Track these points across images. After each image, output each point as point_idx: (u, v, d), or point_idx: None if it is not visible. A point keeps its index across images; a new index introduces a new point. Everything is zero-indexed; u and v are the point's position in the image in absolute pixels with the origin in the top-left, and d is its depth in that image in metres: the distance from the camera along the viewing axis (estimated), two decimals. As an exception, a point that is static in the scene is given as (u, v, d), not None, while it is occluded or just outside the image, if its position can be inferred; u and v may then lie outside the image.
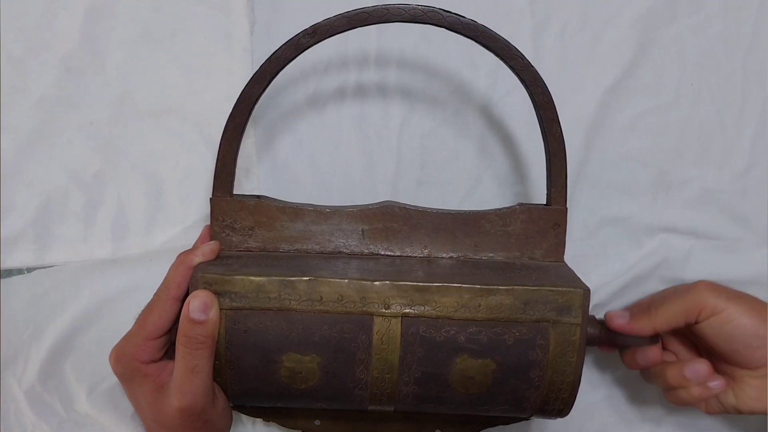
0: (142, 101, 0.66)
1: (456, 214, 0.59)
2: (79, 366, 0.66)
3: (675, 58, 0.68)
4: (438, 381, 0.53)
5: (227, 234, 0.59)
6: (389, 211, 0.59)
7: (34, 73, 0.65)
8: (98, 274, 0.66)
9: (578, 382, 0.53)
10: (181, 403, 0.52)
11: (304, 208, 0.59)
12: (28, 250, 0.66)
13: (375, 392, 0.54)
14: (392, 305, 0.52)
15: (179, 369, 0.52)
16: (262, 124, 0.67)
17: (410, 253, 0.59)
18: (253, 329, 0.52)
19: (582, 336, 0.52)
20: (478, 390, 0.53)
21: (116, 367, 0.55)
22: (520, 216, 0.59)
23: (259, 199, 0.59)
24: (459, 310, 0.52)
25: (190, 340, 0.51)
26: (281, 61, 0.55)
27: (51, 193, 0.66)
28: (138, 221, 0.67)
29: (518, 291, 0.52)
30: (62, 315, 0.66)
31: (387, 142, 0.68)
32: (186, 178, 0.67)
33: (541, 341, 0.52)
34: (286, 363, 0.53)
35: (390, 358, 0.52)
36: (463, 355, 0.52)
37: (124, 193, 0.67)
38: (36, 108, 0.65)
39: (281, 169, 0.68)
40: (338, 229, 0.59)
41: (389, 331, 0.52)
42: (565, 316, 0.52)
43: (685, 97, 0.68)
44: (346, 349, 0.52)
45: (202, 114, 0.66)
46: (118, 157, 0.66)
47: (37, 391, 0.66)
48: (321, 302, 0.52)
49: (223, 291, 0.52)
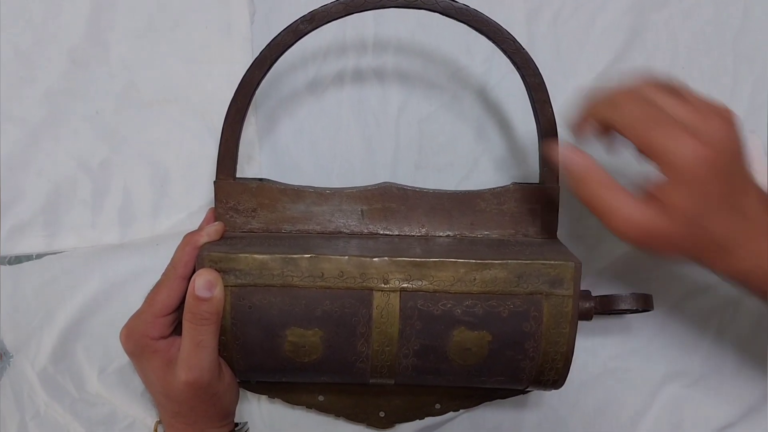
0: (146, 91, 0.68)
1: (452, 194, 0.61)
2: (89, 348, 0.68)
3: (666, 42, 0.69)
4: (436, 353, 0.55)
5: (231, 216, 0.61)
6: (387, 191, 0.61)
7: (41, 65, 0.67)
8: (106, 258, 0.68)
9: (571, 353, 0.55)
10: (187, 377, 0.54)
11: (305, 189, 0.61)
12: (38, 237, 0.68)
13: (376, 365, 0.56)
14: (391, 280, 0.54)
15: (186, 344, 0.54)
16: (263, 112, 0.69)
17: (408, 232, 0.61)
18: (257, 305, 0.54)
19: (574, 308, 0.54)
20: (475, 361, 0.55)
21: (127, 344, 0.57)
22: (514, 195, 0.61)
23: (261, 181, 0.61)
24: (455, 284, 0.54)
25: (196, 316, 0.53)
26: (281, 46, 0.57)
27: (59, 181, 0.68)
28: (144, 207, 0.68)
29: (512, 265, 0.54)
30: (72, 299, 0.67)
31: (385, 128, 0.70)
32: (190, 164, 0.68)
33: (535, 313, 0.54)
34: (290, 337, 0.54)
35: (389, 332, 0.54)
36: (460, 328, 0.54)
37: (130, 180, 0.68)
38: (43, 99, 0.67)
39: (282, 155, 0.70)
40: (338, 209, 0.61)
41: (388, 306, 0.54)
42: (557, 289, 0.54)
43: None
44: (347, 323, 0.54)
45: (204, 102, 0.68)
46: (124, 145, 0.68)
47: (49, 372, 0.67)
48: (322, 278, 0.54)
49: (228, 269, 0.54)
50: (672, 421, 0.71)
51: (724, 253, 0.50)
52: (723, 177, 0.48)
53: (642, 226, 0.49)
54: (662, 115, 0.49)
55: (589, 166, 0.51)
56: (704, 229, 0.49)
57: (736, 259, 0.50)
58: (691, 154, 0.47)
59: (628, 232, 0.50)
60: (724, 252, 0.50)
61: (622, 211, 0.49)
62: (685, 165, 0.47)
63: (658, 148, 0.48)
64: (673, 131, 0.48)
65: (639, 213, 0.49)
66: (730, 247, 0.50)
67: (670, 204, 0.48)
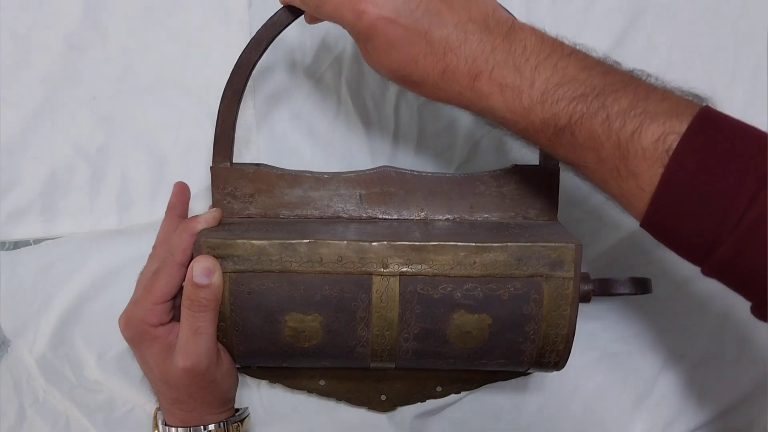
0: (143, 76, 0.68)
1: (451, 177, 0.61)
2: (87, 334, 0.68)
3: (666, 24, 0.69)
4: (436, 336, 0.55)
5: (228, 201, 0.60)
6: (386, 175, 0.61)
7: (38, 50, 0.67)
8: (104, 244, 0.68)
9: (572, 335, 0.55)
10: (185, 364, 0.54)
11: (303, 174, 0.61)
12: (36, 222, 0.68)
13: (376, 349, 0.55)
14: (390, 264, 0.53)
15: (184, 331, 0.54)
16: (261, 96, 0.68)
17: (407, 216, 0.61)
18: (256, 291, 0.54)
19: (575, 290, 0.53)
20: (476, 344, 0.55)
21: (126, 331, 0.56)
22: (514, 177, 0.61)
23: (258, 167, 0.61)
24: (455, 267, 0.53)
25: (194, 303, 0.53)
26: (277, 26, 0.56)
27: (56, 167, 0.67)
28: (141, 192, 0.68)
29: (512, 248, 0.53)
30: (70, 284, 0.67)
31: (384, 113, 0.69)
32: (187, 149, 0.68)
33: (535, 295, 0.54)
34: (290, 323, 0.54)
35: (389, 316, 0.54)
36: (460, 311, 0.54)
37: (127, 165, 0.68)
38: (40, 84, 0.67)
39: (280, 139, 0.69)
40: (336, 194, 0.61)
41: (388, 290, 0.54)
42: (557, 271, 0.53)
43: (677, 62, 0.69)
44: (346, 307, 0.54)
45: (201, 87, 0.68)
46: (121, 130, 0.68)
47: (47, 358, 0.67)
48: (321, 263, 0.53)
49: (226, 255, 0.54)
50: (673, 405, 0.71)
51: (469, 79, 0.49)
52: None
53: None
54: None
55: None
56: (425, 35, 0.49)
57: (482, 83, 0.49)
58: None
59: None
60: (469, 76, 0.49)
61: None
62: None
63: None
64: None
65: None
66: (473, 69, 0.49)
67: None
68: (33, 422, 0.68)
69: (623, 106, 0.45)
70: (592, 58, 0.48)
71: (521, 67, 0.47)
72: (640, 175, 0.44)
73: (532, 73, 0.47)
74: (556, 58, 0.47)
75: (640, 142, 0.44)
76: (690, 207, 0.43)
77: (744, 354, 0.70)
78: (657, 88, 0.47)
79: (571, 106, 0.46)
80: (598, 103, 0.45)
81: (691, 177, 0.43)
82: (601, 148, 0.46)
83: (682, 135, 0.43)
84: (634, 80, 0.47)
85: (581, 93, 0.46)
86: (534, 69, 0.47)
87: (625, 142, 0.44)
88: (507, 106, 0.48)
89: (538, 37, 0.49)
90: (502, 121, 0.50)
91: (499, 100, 0.48)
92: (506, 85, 0.48)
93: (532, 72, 0.47)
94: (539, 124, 0.48)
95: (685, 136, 0.43)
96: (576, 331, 0.55)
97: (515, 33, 0.48)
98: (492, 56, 0.48)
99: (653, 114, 0.44)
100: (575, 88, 0.46)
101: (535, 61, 0.47)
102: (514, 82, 0.47)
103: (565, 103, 0.46)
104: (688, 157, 0.43)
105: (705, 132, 0.43)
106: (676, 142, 0.43)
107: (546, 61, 0.47)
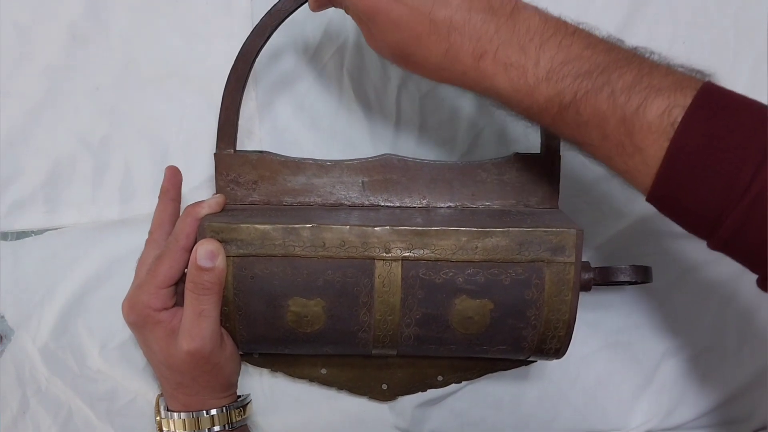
0: (145, 67, 0.68)
1: (453, 165, 0.61)
2: (90, 323, 0.68)
3: (667, 16, 0.69)
4: (438, 322, 0.55)
5: (232, 188, 0.61)
6: (388, 162, 0.61)
7: (41, 42, 0.67)
8: (107, 234, 0.68)
9: (574, 321, 0.55)
10: (189, 347, 0.54)
11: (306, 161, 0.61)
12: (39, 213, 0.68)
13: (378, 334, 0.56)
14: (392, 249, 0.54)
15: (188, 314, 0.54)
16: (263, 87, 0.68)
17: (409, 203, 0.61)
18: (259, 275, 0.54)
19: (576, 275, 0.54)
20: (477, 330, 0.55)
21: (129, 315, 0.57)
22: (515, 165, 0.61)
23: (262, 154, 0.61)
24: (457, 252, 0.54)
25: (198, 286, 0.53)
26: (281, 13, 0.57)
27: (59, 158, 0.68)
28: (144, 183, 0.68)
29: (513, 233, 0.54)
30: (73, 275, 0.68)
31: (386, 104, 0.69)
32: (190, 140, 0.68)
33: (537, 281, 0.54)
34: (292, 307, 0.55)
35: (391, 301, 0.54)
36: (462, 296, 0.54)
37: (130, 156, 0.68)
38: (43, 75, 0.67)
39: (282, 130, 0.69)
40: (339, 181, 0.61)
41: (390, 275, 0.54)
42: (559, 256, 0.53)
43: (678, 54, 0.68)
44: (349, 292, 0.54)
45: (203, 78, 0.68)
46: (124, 121, 0.68)
47: (50, 348, 0.68)
48: (324, 248, 0.54)
49: (230, 239, 0.54)
50: (674, 394, 0.71)
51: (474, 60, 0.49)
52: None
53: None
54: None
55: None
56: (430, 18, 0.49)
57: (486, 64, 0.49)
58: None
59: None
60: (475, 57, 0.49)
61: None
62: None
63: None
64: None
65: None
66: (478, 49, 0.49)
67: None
68: (35, 412, 0.68)
69: (627, 82, 0.45)
70: (595, 36, 0.49)
71: (525, 46, 0.48)
72: (645, 149, 0.45)
73: (536, 52, 0.48)
74: (560, 37, 0.48)
75: (645, 116, 0.44)
76: (696, 179, 0.43)
77: (745, 343, 0.70)
78: (660, 64, 0.47)
79: (576, 83, 0.46)
80: (602, 79, 0.46)
81: (697, 150, 0.43)
82: (605, 124, 0.46)
83: (687, 108, 0.43)
84: (638, 57, 0.47)
85: (586, 70, 0.46)
86: (538, 48, 0.48)
87: (630, 117, 0.45)
88: (512, 86, 0.49)
89: (541, 17, 0.49)
90: (507, 101, 0.50)
91: (504, 79, 0.49)
92: (511, 65, 0.48)
93: (536, 51, 0.48)
94: (544, 102, 0.48)
95: (689, 109, 0.43)
96: (577, 321, 0.55)
97: (519, 12, 0.49)
98: (496, 36, 0.48)
99: (657, 88, 0.44)
100: (580, 65, 0.47)
101: (539, 40, 0.48)
102: (519, 61, 0.48)
103: (570, 80, 0.46)
104: (693, 130, 0.43)
105: (709, 105, 0.43)
106: (680, 116, 0.43)
107: (550, 39, 0.48)
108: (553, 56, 0.47)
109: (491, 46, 0.48)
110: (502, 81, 0.49)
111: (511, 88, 0.49)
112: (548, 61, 0.47)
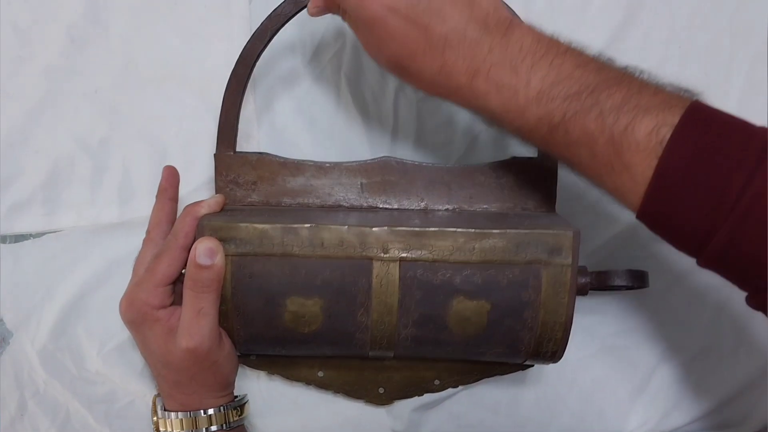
0: (145, 68, 0.69)
1: (451, 168, 0.62)
2: (89, 325, 0.68)
3: (663, 20, 0.69)
4: (435, 322, 0.55)
5: (231, 189, 0.61)
6: (386, 165, 0.62)
7: (40, 43, 0.67)
8: (106, 236, 0.68)
9: (570, 323, 0.55)
10: (188, 344, 0.54)
11: (305, 163, 0.62)
12: (37, 215, 0.68)
13: (375, 335, 0.56)
14: (390, 250, 0.54)
15: (186, 312, 0.54)
16: (261, 90, 0.69)
17: (407, 205, 0.62)
18: (257, 274, 0.54)
19: (573, 277, 0.54)
20: (475, 331, 0.55)
21: (127, 313, 0.57)
22: (512, 169, 0.61)
23: (261, 155, 0.62)
24: (454, 253, 0.54)
25: (197, 284, 0.54)
26: (281, 17, 0.57)
27: (58, 160, 0.68)
28: (143, 185, 0.68)
29: (511, 234, 0.54)
30: (72, 277, 0.68)
31: (383, 108, 0.70)
32: (189, 142, 0.69)
33: (534, 282, 0.54)
34: (290, 307, 0.55)
35: (389, 301, 0.55)
36: (459, 297, 0.54)
37: (129, 158, 0.69)
38: (42, 76, 0.67)
39: (280, 134, 0.70)
40: (338, 183, 0.62)
41: (388, 275, 0.54)
42: (556, 258, 0.54)
43: (673, 58, 0.70)
44: (347, 292, 0.55)
45: (203, 80, 0.68)
46: (123, 123, 0.68)
47: (49, 350, 0.68)
48: (322, 247, 0.54)
49: (229, 237, 0.54)
50: (670, 397, 0.71)
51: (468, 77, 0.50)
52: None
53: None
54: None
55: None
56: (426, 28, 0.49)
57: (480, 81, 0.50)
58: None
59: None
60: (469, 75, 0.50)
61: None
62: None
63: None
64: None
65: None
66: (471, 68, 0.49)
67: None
68: (34, 414, 0.68)
69: (616, 102, 0.46)
70: (586, 55, 0.50)
71: (518, 66, 0.48)
72: (633, 168, 0.45)
73: (527, 73, 0.48)
74: (551, 56, 0.48)
75: (633, 135, 0.45)
76: (684, 197, 0.44)
77: (741, 346, 0.70)
78: (649, 83, 0.48)
79: (565, 104, 0.47)
80: (591, 100, 0.46)
81: (685, 167, 0.43)
82: (594, 143, 0.46)
83: (675, 126, 0.44)
84: (627, 76, 0.48)
85: (575, 91, 0.47)
86: (530, 68, 0.48)
87: (619, 137, 0.45)
88: (503, 106, 0.49)
89: (534, 37, 0.50)
90: (498, 120, 0.51)
91: (496, 99, 0.49)
92: (503, 85, 0.49)
93: (528, 71, 0.48)
94: (534, 122, 0.49)
95: (677, 128, 0.44)
96: (573, 326, 0.55)
97: (513, 32, 0.50)
98: (489, 56, 0.49)
99: (646, 107, 0.45)
100: (570, 85, 0.47)
101: (531, 61, 0.48)
102: (511, 82, 0.49)
103: (559, 101, 0.47)
104: (681, 148, 0.43)
105: (697, 124, 0.44)
106: (669, 134, 0.44)
107: (542, 59, 0.48)
108: (543, 77, 0.48)
109: (484, 66, 0.49)
110: (495, 101, 0.50)
111: (502, 109, 0.50)
112: (539, 82, 0.48)
